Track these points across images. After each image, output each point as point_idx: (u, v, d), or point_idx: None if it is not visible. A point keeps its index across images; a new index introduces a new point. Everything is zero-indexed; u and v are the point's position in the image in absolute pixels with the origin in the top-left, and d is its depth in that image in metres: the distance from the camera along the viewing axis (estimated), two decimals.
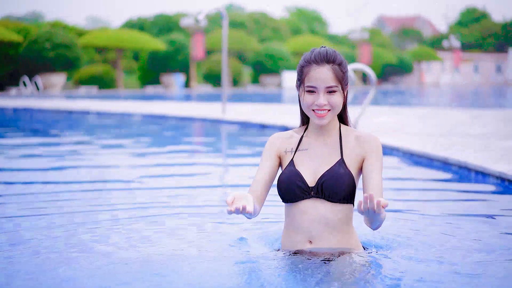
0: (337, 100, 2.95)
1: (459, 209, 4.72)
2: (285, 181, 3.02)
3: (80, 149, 8.97)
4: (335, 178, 2.96)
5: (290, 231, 3.07)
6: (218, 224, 4.06)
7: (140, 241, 3.58)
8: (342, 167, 2.98)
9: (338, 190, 2.96)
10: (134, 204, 4.80)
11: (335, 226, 3.00)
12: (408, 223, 4.12)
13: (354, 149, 3.02)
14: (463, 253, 3.32)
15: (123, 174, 6.56)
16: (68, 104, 19.55)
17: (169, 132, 12.23)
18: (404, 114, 14.66)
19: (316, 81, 2.93)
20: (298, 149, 3.08)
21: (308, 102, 2.96)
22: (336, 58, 2.96)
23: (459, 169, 6.39)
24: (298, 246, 3.04)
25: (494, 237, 3.74)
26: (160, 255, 3.27)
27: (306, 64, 2.97)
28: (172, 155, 8.34)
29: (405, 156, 7.57)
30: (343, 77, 2.97)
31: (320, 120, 2.97)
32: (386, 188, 5.58)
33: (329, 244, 3.00)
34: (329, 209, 2.99)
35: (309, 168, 3.03)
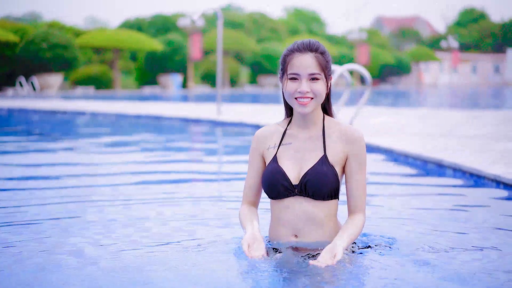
0: (320, 88, 2.94)
1: (449, 211, 4.60)
2: (268, 179, 3.01)
3: (71, 150, 8.86)
4: (319, 176, 2.94)
5: (276, 225, 3.08)
6: (208, 224, 4.02)
7: (130, 244, 3.52)
8: (326, 165, 2.96)
9: (322, 189, 2.95)
10: (122, 206, 4.72)
11: (320, 222, 3.00)
12: (397, 224, 4.04)
13: (338, 145, 3.00)
14: (449, 254, 3.26)
15: (112, 175, 6.46)
16: (63, 104, 19.43)
17: (163, 133, 12.11)
18: (401, 114, 14.55)
19: (298, 68, 2.92)
20: (282, 143, 3.06)
21: (291, 90, 2.93)
22: (319, 47, 2.97)
23: (454, 171, 6.28)
24: (284, 240, 3.05)
25: (485, 240, 3.65)
26: (144, 253, 3.28)
27: (289, 53, 2.97)
28: (163, 156, 8.23)
29: (399, 158, 7.46)
30: (327, 66, 2.96)
31: (302, 108, 2.93)
32: (378, 191, 5.50)
33: (314, 238, 3.01)
34: (313, 205, 2.99)
35: (292, 164, 3.01)
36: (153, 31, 49.62)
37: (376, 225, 3.92)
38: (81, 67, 41.21)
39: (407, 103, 24.96)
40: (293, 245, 3.04)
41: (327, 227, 3.02)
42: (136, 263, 3.12)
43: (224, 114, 14.10)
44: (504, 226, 4.05)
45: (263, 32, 54.56)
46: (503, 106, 22.27)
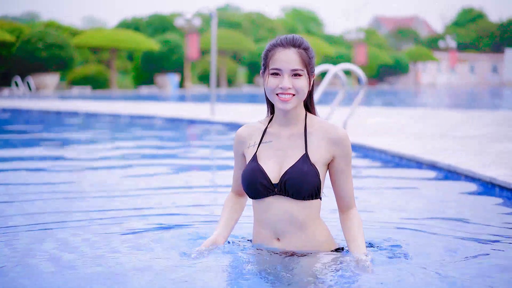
0: (302, 84, 2.84)
1: (441, 213, 4.46)
2: (247, 178, 2.92)
3: (61, 151, 8.72)
4: (299, 175, 2.84)
5: (258, 227, 3.00)
6: (193, 226, 3.95)
7: (111, 247, 3.46)
8: (306, 163, 2.86)
9: (302, 188, 2.85)
10: (110, 208, 4.64)
11: (301, 223, 2.90)
12: (389, 226, 3.91)
13: (320, 143, 2.91)
14: (445, 259, 3.20)
15: (101, 176, 6.36)
16: (56, 104, 19.27)
17: (155, 134, 11.96)
18: (398, 115, 14.43)
19: (281, 63, 2.83)
20: (262, 141, 2.98)
21: (272, 86, 2.84)
22: (302, 42, 2.87)
23: (448, 173, 6.13)
24: (267, 243, 2.97)
25: (478, 243, 3.55)
26: (124, 253, 3.26)
27: (271, 48, 2.88)
28: (152, 157, 8.08)
29: (394, 160, 7.31)
30: (310, 62, 2.87)
31: (284, 105, 2.84)
32: (371, 191, 5.36)
33: (297, 240, 2.91)
34: (294, 205, 2.89)
35: (272, 163, 2.92)
36: (150, 30, 49.47)
37: (366, 228, 3.77)
38: (77, 67, 41.07)
39: (404, 103, 24.83)
40: (275, 249, 2.96)
41: (310, 229, 2.92)
42: (117, 267, 3.04)
43: (218, 114, 13.96)
44: (499, 232, 3.91)
45: (261, 32, 54.46)
46: (501, 106, 22.15)
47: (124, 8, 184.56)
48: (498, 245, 3.58)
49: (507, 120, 12.29)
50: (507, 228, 4.08)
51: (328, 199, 3.26)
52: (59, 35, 37.57)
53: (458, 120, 12.42)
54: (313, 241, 2.93)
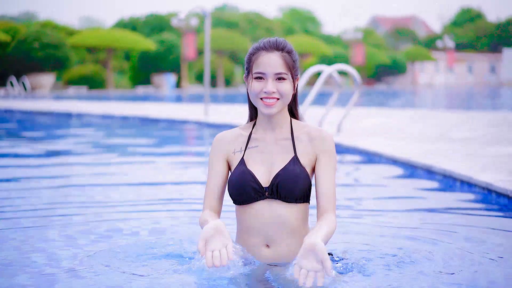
0: (287, 88, 2.79)
1: (435, 220, 4.27)
2: (237, 182, 2.83)
3: (50, 152, 8.54)
4: (291, 177, 2.80)
5: (244, 235, 2.88)
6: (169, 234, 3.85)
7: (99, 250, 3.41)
8: (297, 165, 2.82)
9: (295, 190, 2.80)
10: (96, 210, 4.58)
11: (292, 227, 2.83)
12: (378, 231, 3.82)
13: (307, 146, 2.86)
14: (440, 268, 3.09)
15: (88, 179, 6.25)
16: (49, 105, 19.07)
17: (147, 135, 11.78)
18: (393, 116, 14.27)
19: (264, 66, 2.78)
20: (248, 147, 2.90)
21: (256, 90, 2.79)
22: (286, 46, 2.83)
23: (443, 178, 5.94)
24: (254, 251, 2.86)
25: (467, 250, 3.41)
26: (111, 263, 3.15)
27: (255, 52, 2.83)
28: (142, 158, 7.90)
29: (388, 163, 7.12)
30: (294, 65, 2.82)
31: (268, 109, 2.79)
32: (361, 195, 5.18)
33: (288, 247, 2.83)
34: (285, 209, 2.82)
35: (261, 167, 2.86)
36: (147, 30, 49.29)
37: (356, 233, 3.68)
38: (74, 67, 40.88)
39: (401, 104, 24.66)
40: (264, 260, 2.86)
41: (300, 235, 2.84)
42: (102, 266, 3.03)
43: (212, 115, 13.77)
44: (493, 240, 3.72)
45: (259, 31, 54.29)
46: (499, 106, 21.98)
47: (122, 8, 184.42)
48: (492, 254, 3.41)
49: (504, 122, 12.12)
50: (501, 235, 3.90)
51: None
52: (55, 35, 37.40)
53: (455, 122, 12.25)
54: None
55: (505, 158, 6.62)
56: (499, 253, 3.47)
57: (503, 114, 14.88)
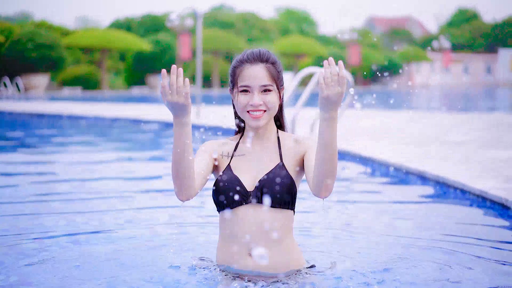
0: (273, 99, 2.80)
1: (426, 229, 4.08)
2: (222, 187, 2.81)
3: (37, 153, 8.35)
4: (275, 181, 2.78)
5: (227, 242, 2.85)
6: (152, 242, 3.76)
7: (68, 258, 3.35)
8: (283, 170, 2.81)
9: (279, 194, 2.77)
10: (81, 212, 4.54)
11: (276, 235, 2.80)
12: (362, 239, 3.73)
13: (293, 151, 2.87)
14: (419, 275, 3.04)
15: (74, 179, 6.17)
16: (40, 106, 18.85)
17: (136, 137, 11.58)
18: (387, 118, 14.10)
19: (249, 79, 2.78)
20: (235, 154, 2.91)
21: (243, 103, 2.79)
22: (270, 57, 2.83)
23: (437, 184, 5.75)
24: (238, 259, 2.81)
25: (463, 259, 3.27)
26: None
27: (238, 65, 2.83)
28: (128, 161, 7.70)
29: (380, 168, 6.94)
30: (278, 76, 2.84)
31: (255, 122, 2.80)
32: (353, 202, 4.99)
33: (271, 256, 2.78)
34: (268, 215, 2.79)
35: (247, 173, 2.85)
36: (143, 31, 49.09)
37: (346, 239, 3.57)
38: (69, 67, 40.65)
39: (395, 105, 24.50)
40: (246, 271, 2.80)
41: (283, 244, 2.82)
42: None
43: (203, 117, 13.57)
44: (486, 248, 3.53)
45: (254, 32, 54.14)
46: (494, 108, 21.83)
47: (118, 8, 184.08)
48: (485, 264, 3.25)
49: (500, 124, 11.95)
50: (492, 244, 3.72)
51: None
52: (49, 35, 37.14)
53: (451, 124, 12.09)
54: (285, 256, 2.82)
55: (501, 163, 6.44)
56: (488, 266, 3.30)
57: (500, 116, 14.74)
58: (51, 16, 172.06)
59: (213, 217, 3.35)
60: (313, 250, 3.52)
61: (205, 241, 3.74)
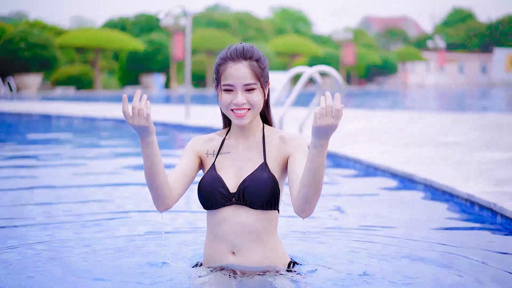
0: (257, 98, 2.78)
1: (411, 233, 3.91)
2: (205, 187, 2.83)
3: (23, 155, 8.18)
4: (257, 183, 2.78)
5: (212, 241, 2.87)
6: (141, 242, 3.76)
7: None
8: (265, 171, 2.80)
9: (261, 196, 2.77)
10: (65, 215, 4.49)
11: (258, 235, 2.81)
12: (347, 240, 3.65)
13: (278, 150, 2.84)
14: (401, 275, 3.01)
15: (60, 182, 6.06)
16: (30, 106, 18.65)
17: (124, 138, 11.40)
18: (380, 118, 13.94)
19: (232, 78, 2.76)
20: (220, 152, 2.90)
21: (226, 102, 2.77)
22: (253, 54, 2.80)
23: (425, 188, 5.58)
24: (221, 258, 2.85)
25: (449, 268, 3.10)
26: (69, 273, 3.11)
27: (222, 62, 2.80)
28: (113, 164, 7.52)
29: (368, 170, 6.77)
30: (262, 73, 2.81)
31: (240, 121, 2.78)
32: (340, 205, 4.82)
33: (254, 255, 2.81)
34: (251, 216, 2.80)
35: (231, 173, 2.85)
36: (137, 30, 48.89)
37: (330, 242, 3.37)
38: (62, 67, 40.44)
39: (389, 105, 24.36)
40: (230, 266, 2.84)
41: (267, 244, 2.83)
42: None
43: (194, 118, 13.39)
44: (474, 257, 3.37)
45: (249, 31, 53.99)
46: (489, 108, 21.71)
47: (114, 7, 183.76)
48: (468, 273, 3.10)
49: (494, 124, 11.80)
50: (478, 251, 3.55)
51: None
52: (42, 35, 36.93)
53: (444, 124, 11.94)
54: (269, 256, 2.83)
55: (492, 165, 6.28)
56: (473, 272, 3.15)
57: (494, 116, 14.59)
58: (47, 16, 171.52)
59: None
60: (299, 249, 3.48)
61: (193, 239, 3.76)
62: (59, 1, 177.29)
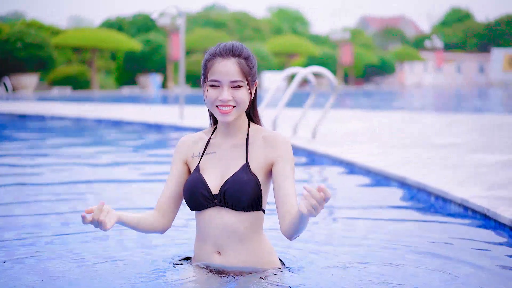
0: (243, 95, 2.77)
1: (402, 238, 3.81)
2: (189, 189, 2.84)
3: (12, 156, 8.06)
4: (238, 185, 2.77)
5: (199, 241, 2.92)
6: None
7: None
8: (247, 173, 2.79)
9: (242, 198, 2.77)
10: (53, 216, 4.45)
11: (242, 236, 2.82)
12: (343, 251, 3.48)
13: (261, 151, 2.83)
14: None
15: (48, 183, 5.96)
16: (21, 107, 18.53)
17: (116, 139, 11.28)
18: (375, 119, 13.84)
19: (219, 74, 2.74)
20: (205, 152, 2.90)
21: (212, 98, 2.76)
22: (242, 51, 2.79)
23: (418, 191, 5.48)
24: (208, 258, 2.88)
25: (440, 274, 2.96)
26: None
27: (210, 58, 2.78)
28: (104, 166, 7.41)
29: (360, 173, 6.66)
30: (250, 72, 2.79)
31: (224, 117, 2.76)
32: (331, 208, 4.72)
33: (239, 255, 2.83)
34: (234, 217, 2.81)
35: (214, 174, 2.85)
36: (134, 30, 48.74)
37: (321, 245, 3.31)
38: (59, 67, 40.28)
39: (386, 106, 24.26)
40: (217, 266, 2.87)
41: (251, 244, 2.84)
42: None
43: (188, 118, 13.27)
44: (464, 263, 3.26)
45: (247, 31, 53.90)
46: (486, 108, 21.62)
47: (112, 7, 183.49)
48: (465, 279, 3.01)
49: (490, 126, 11.71)
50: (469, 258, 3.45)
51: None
52: (38, 35, 36.77)
53: (440, 125, 11.84)
54: (254, 256, 2.85)
55: (487, 168, 6.17)
56: (465, 279, 3.06)
57: (490, 117, 14.50)
58: (45, 16, 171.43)
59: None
60: (286, 251, 3.47)
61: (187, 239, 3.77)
62: (57, 1, 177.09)
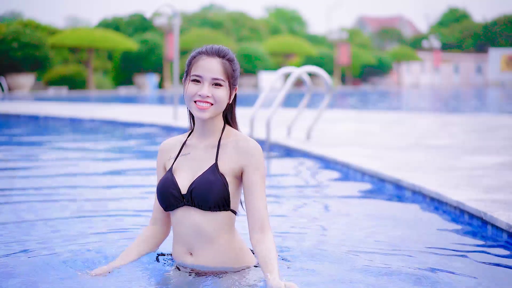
0: (222, 95, 2.81)
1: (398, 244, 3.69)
2: (160, 189, 2.91)
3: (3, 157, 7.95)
4: (205, 185, 2.81)
5: (174, 242, 2.99)
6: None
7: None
8: (214, 173, 2.82)
9: (208, 198, 2.81)
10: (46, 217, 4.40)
11: (211, 236, 2.85)
12: (339, 255, 3.37)
13: (233, 154, 2.86)
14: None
15: (38, 184, 5.84)
16: (16, 107, 18.39)
17: (109, 140, 11.16)
18: (370, 120, 13.73)
19: (202, 70, 2.80)
20: (181, 154, 2.96)
21: (191, 92, 2.81)
22: (227, 54, 2.85)
23: (413, 194, 5.37)
24: (181, 257, 2.94)
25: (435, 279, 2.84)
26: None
27: (196, 55, 2.85)
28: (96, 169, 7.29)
29: (355, 175, 6.54)
30: (233, 74, 2.85)
31: (200, 113, 2.80)
32: (324, 212, 4.61)
33: (208, 255, 2.87)
34: (202, 217, 2.85)
35: (186, 174, 2.90)
36: (131, 30, 48.59)
37: (313, 247, 3.20)
38: (56, 67, 40.13)
39: (382, 106, 24.16)
40: (189, 266, 2.92)
41: (220, 243, 2.87)
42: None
43: (182, 119, 13.15)
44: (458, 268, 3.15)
45: (244, 31, 53.75)
46: (483, 109, 21.52)
47: (110, 7, 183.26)
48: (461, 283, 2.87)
49: (486, 126, 11.60)
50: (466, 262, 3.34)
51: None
52: (35, 35, 36.62)
53: (435, 126, 11.74)
54: (225, 256, 2.87)
55: (483, 171, 6.06)
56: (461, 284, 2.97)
57: (487, 117, 14.40)
58: (42, 16, 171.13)
59: None
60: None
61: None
62: (54, 1, 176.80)
